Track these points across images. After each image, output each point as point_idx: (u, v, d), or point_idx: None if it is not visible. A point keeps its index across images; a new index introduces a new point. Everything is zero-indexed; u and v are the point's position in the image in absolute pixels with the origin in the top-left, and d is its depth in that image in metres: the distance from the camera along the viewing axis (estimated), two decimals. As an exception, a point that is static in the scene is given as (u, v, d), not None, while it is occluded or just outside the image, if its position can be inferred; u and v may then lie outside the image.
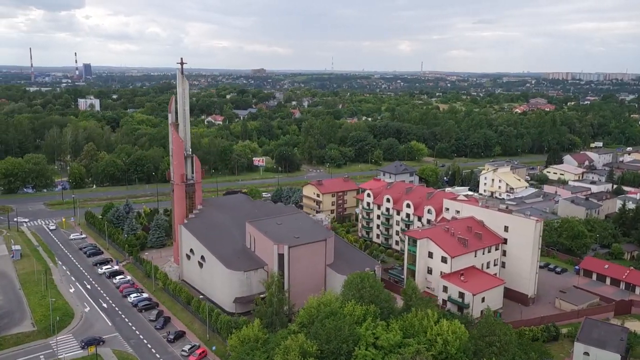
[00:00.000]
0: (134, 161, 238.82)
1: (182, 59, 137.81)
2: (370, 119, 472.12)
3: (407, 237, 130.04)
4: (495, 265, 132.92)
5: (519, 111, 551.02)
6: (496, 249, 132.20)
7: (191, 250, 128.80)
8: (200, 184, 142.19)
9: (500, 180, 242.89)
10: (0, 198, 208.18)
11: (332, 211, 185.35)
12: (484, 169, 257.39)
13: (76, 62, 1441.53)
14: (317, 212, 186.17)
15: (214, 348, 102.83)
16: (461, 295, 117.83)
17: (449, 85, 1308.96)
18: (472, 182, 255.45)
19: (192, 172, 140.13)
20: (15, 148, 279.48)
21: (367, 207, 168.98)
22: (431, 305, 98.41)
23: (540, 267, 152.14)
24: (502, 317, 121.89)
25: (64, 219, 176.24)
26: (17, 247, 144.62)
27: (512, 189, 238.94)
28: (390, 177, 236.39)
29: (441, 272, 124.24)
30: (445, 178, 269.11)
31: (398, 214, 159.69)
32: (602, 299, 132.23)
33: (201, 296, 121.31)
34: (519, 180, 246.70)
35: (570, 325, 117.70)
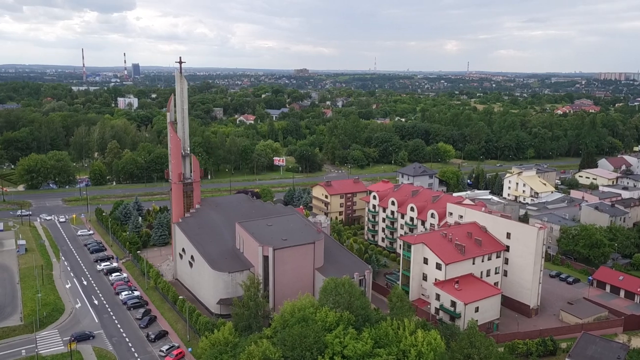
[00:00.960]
0: (153, 159, 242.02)
1: (180, 58, 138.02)
2: (403, 120, 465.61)
3: (402, 242, 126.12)
4: (496, 273, 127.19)
5: (560, 112, 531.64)
6: (497, 257, 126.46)
7: (183, 250, 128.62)
8: (198, 183, 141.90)
9: (524, 184, 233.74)
10: (23, 193, 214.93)
11: (340, 213, 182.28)
12: (508, 172, 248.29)
13: (125, 62, 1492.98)
14: (326, 213, 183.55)
15: (189, 350, 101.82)
16: (453, 304, 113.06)
17: (493, 85, 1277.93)
18: (496, 186, 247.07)
19: (191, 172, 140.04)
20: (47, 145, 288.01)
21: (373, 210, 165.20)
22: (409, 314, 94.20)
23: (551, 276, 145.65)
24: (498, 329, 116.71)
25: (74, 216, 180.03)
26: (23, 241, 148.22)
27: (536, 193, 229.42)
28: (408, 179, 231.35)
29: (436, 279, 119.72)
30: (468, 181, 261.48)
31: (402, 217, 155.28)
32: (612, 313, 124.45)
33: (191, 296, 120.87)
34: (545, 184, 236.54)
35: (572, 339, 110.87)
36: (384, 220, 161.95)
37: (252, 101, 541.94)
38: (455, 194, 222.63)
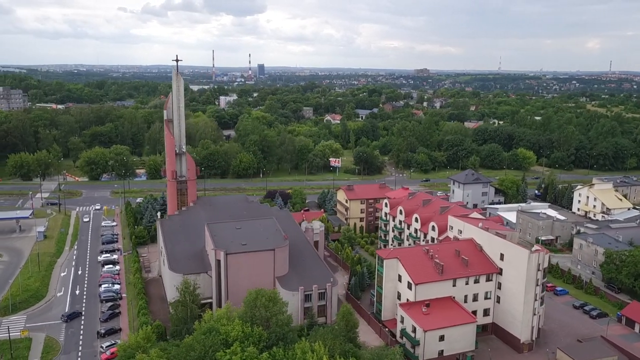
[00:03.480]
0: (206, 156, 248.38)
1: (177, 56, 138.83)
2: (501, 123, 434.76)
3: (377, 256, 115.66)
4: (487, 298, 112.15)
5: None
6: (488, 280, 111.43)
7: (161, 247, 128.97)
8: (193, 182, 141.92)
9: (595, 199, 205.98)
10: (82, 184, 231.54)
11: (361, 219, 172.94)
12: (580, 185, 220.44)
13: (249, 62, 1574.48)
14: (346, 218, 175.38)
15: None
16: (414, 329, 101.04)
17: (634, 87, 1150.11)
18: (565, 199, 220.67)
19: (186, 170, 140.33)
20: (128, 139, 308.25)
21: (384, 218, 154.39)
22: (326, 338, 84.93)
23: (575, 307, 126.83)
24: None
25: (105, 207, 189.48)
26: (42, 228, 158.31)
27: (608, 209, 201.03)
28: (459, 187, 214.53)
29: (407, 299, 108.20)
30: (536, 192, 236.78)
31: (408, 228, 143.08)
32: (631, 359, 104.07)
33: (162, 294, 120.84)
34: (621, 199, 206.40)
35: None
36: (393, 230, 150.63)
37: (344, 101, 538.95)
38: (496, 206, 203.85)
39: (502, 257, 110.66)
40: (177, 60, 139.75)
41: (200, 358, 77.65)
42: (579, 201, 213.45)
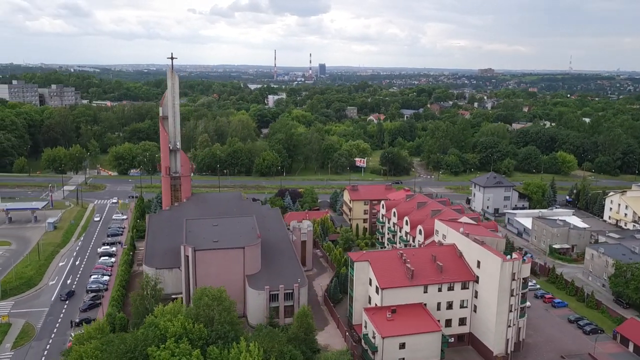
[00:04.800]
0: (230, 153, 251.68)
1: (172, 54, 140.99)
2: (551, 125, 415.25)
3: (348, 258, 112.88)
4: (463, 307, 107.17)
5: None
6: (464, 288, 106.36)
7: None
8: (187, 178, 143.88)
9: (627, 207, 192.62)
10: (109, 178, 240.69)
11: (364, 220, 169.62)
12: (612, 192, 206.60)
13: (310, 62, 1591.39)
14: (350, 219, 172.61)
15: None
16: (374, 335, 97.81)
17: None
18: (597, 206, 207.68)
19: (180, 166, 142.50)
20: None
21: (381, 220, 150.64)
22: (263, 339, 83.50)
23: (570, 321, 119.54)
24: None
25: (119, 201, 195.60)
26: (52, 219, 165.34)
27: (639, 218, 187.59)
28: (479, 190, 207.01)
29: (376, 303, 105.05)
30: (567, 197, 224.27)
31: (400, 230, 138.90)
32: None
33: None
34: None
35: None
36: (388, 232, 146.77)
37: (389, 101, 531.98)
38: (515, 211, 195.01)
39: (478, 264, 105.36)
40: (172, 59, 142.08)
41: (131, 351, 78.27)
42: (610, 209, 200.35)
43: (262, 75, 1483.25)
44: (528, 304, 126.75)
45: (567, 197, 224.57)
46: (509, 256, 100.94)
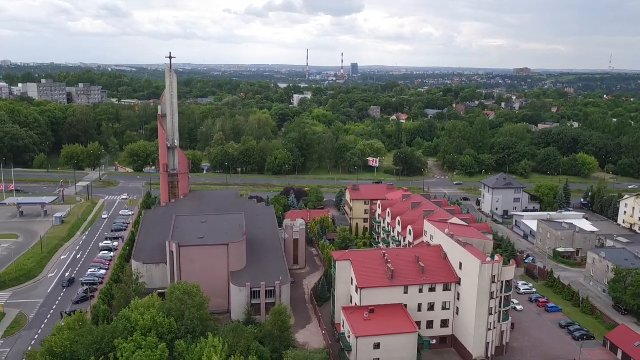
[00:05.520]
0: (243, 152, 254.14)
1: (170, 53, 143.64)
2: (579, 126, 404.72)
3: (332, 258, 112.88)
4: (446, 309, 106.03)
5: None
6: (446, 290, 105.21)
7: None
8: (185, 175, 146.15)
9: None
10: (124, 175, 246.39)
11: (365, 220, 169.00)
12: (627, 195, 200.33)
13: (342, 62, 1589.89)
14: (351, 218, 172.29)
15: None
16: (349, 334, 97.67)
17: None
18: (611, 210, 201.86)
19: (178, 164, 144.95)
20: (185, 134, 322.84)
21: (377, 220, 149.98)
22: (227, 335, 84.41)
23: (561, 326, 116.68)
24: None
25: (128, 197, 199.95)
26: (60, 214, 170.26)
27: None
28: (488, 192, 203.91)
29: (355, 303, 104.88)
30: (582, 200, 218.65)
31: (393, 230, 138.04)
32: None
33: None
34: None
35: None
36: (382, 232, 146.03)
37: (413, 100, 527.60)
38: (523, 213, 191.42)
39: (460, 266, 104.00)
40: (170, 58, 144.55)
41: (98, 343, 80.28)
42: (625, 212, 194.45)
43: (295, 74, 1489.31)
44: (521, 307, 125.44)
45: (582, 200, 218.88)
46: (489, 258, 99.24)
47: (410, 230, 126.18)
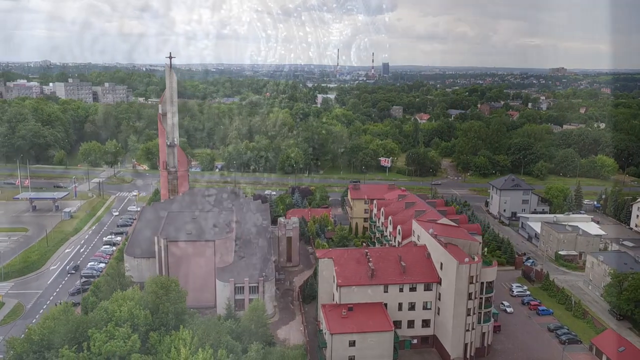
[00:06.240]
0: (254, 150, 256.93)
1: (170, 53, 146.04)
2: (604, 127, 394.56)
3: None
4: (427, 309, 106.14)
5: None
6: (427, 289, 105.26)
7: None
8: (184, 172, 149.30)
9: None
10: (140, 173, 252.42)
11: (365, 219, 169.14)
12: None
13: (372, 61, 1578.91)
14: (351, 218, 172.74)
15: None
16: (326, 332, 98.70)
17: None
18: (624, 213, 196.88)
19: (177, 162, 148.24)
20: (204, 133, 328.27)
21: (373, 219, 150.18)
22: (198, 328, 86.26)
23: (549, 330, 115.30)
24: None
25: (137, 193, 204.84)
26: (69, 209, 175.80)
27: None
28: (496, 193, 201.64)
29: (336, 301, 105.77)
30: (595, 203, 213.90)
31: (385, 230, 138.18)
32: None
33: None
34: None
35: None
36: (376, 231, 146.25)
37: (435, 100, 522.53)
38: (529, 215, 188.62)
39: (441, 266, 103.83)
40: (170, 57, 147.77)
41: (72, 332, 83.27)
42: (637, 216, 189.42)
43: (326, 74, 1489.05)
44: (511, 309, 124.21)
45: (595, 203, 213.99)
46: (467, 259, 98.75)
47: (399, 229, 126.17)
